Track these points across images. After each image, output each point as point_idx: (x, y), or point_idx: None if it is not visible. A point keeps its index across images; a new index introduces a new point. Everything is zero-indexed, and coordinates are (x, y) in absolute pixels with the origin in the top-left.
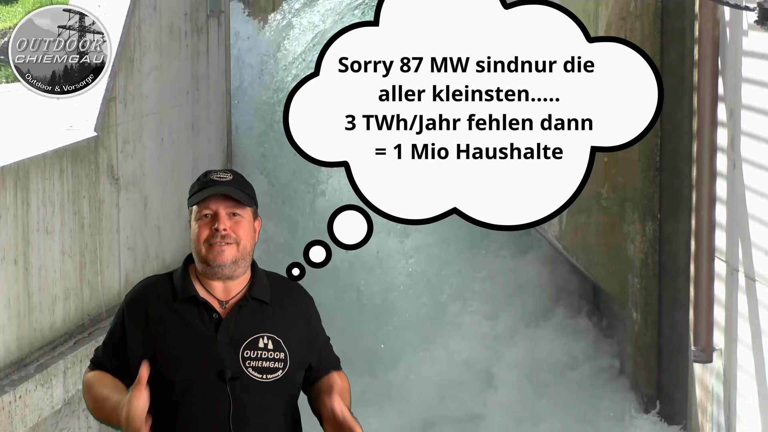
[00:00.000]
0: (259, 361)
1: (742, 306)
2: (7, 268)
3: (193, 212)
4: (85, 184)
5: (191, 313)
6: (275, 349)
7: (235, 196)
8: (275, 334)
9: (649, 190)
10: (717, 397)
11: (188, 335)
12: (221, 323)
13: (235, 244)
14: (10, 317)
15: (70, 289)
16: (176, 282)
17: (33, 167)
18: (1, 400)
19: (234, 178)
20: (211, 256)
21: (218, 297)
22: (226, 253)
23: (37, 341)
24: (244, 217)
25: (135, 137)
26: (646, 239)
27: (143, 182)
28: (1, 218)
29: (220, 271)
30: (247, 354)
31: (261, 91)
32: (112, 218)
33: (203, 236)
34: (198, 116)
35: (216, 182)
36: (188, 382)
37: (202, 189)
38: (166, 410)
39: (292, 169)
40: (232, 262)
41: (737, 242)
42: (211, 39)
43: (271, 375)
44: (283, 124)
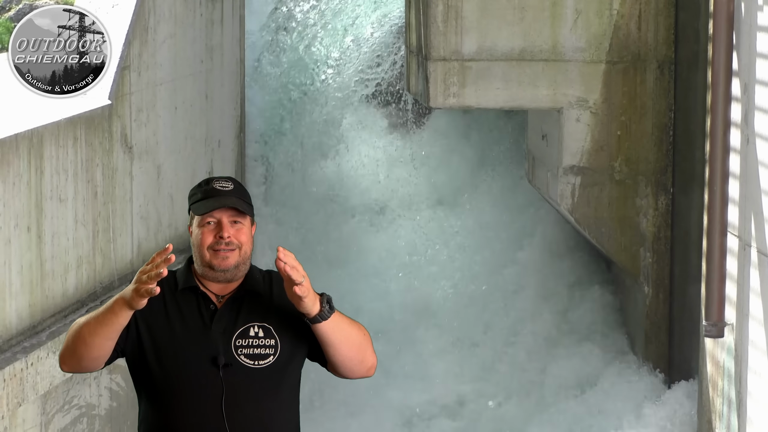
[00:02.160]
0: (250, 348)
1: (754, 281)
2: (20, 235)
3: (195, 219)
4: (99, 153)
5: (190, 304)
6: (266, 336)
7: (240, 207)
8: (266, 322)
9: (663, 164)
10: (728, 372)
11: (185, 324)
12: (216, 314)
13: (238, 249)
14: (22, 284)
15: (82, 257)
16: (179, 274)
17: (47, 135)
18: (12, 367)
19: (235, 188)
20: (216, 261)
21: (215, 292)
22: (230, 258)
23: (49, 309)
24: (244, 224)
25: (149, 106)
26: (658, 213)
27: (156, 151)
28: (15, 186)
29: (223, 275)
30: (239, 342)
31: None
32: (125, 187)
33: (207, 243)
34: (212, 86)
35: (219, 192)
36: (183, 369)
37: (205, 198)
38: (161, 397)
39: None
40: (234, 266)
41: (750, 217)
42: (226, 8)
43: (262, 361)
44: None
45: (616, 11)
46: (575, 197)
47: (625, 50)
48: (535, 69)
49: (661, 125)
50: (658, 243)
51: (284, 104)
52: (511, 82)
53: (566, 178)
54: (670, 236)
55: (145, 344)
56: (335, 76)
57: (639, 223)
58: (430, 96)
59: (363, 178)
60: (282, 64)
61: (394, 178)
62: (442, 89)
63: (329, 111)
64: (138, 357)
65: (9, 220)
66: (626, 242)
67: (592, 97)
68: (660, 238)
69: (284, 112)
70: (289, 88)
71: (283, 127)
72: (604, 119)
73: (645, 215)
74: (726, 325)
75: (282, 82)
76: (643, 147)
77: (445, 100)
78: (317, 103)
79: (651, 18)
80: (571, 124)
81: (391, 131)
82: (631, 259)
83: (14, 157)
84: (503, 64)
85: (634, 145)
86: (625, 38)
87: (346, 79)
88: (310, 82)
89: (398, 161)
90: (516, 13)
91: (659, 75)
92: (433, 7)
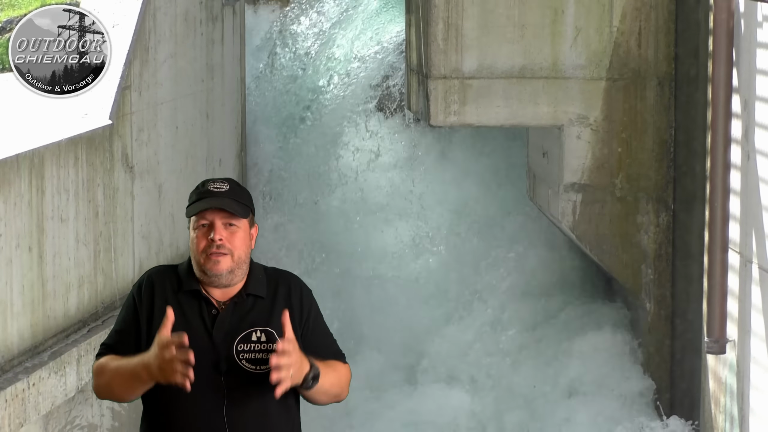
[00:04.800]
0: (252, 353)
1: (755, 297)
2: (21, 255)
3: (191, 222)
4: (100, 172)
5: (192, 307)
6: (268, 340)
7: (230, 209)
8: (268, 326)
9: (663, 180)
10: (730, 388)
11: (187, 329)
12: (217, 319)
13: (230, 254)
14: (24, 304)
15: (84, 277)
16: (181, 274)
17: (48, 155)
18: (14, 387)
19: (231, 188)
20: (208, 265)
21: (216, 297)
22: (222, 263)
23: (50, 329)
24: (240, 227)
25: (150, 125)
26: (659, 230)
27: (157, 170)
28: (16, 206)
29: (217, 280)
30: (240, 348)
31: (275, 80)
32: (126, 206)
33: (201, 246)
34: (213, 104)
35: (213, 193)
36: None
37: (199, 199)
38: (164, 401)
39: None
40: (227, 272)
41: (751, 233)
42: (226, 27)
43: (264, 366)
44: None
45: (616, 28)
46: (576, 214)
47: (626, 67)
48: (536, 86)
49: (661, 142)
50: (659, 260)
51: (285, 122)
52: (512, 100)
53: (567, 195)
54: (671, 253)
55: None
56: (337, 93)
57: (640, 239)
58: (431, 114)
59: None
60: (283, 81)
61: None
62: (443, 107)
63: (331, 127)
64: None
65: (10, 240)
66: (628, 259)
67: (592, 114)
68: (661, 254)
69: (286, 130)
70: (290, 105)
71: (285, 146)
72: (604, 136)
73: (646, 232)
74: (728, 342)
75: (283, 100)
76: (643, 164)
77: (446, 118)
78: (319, 120)
79: (651, 35)
80: (571, 142)
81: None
82: (633, 276)
83: (15, 177)
84: (504, 82)
85: (634, 162)
86: (626, 55)
87: (348, 94)
88: (312, 98)
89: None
90: (516, 31)
91: (660, 92)
92: (434, 25)
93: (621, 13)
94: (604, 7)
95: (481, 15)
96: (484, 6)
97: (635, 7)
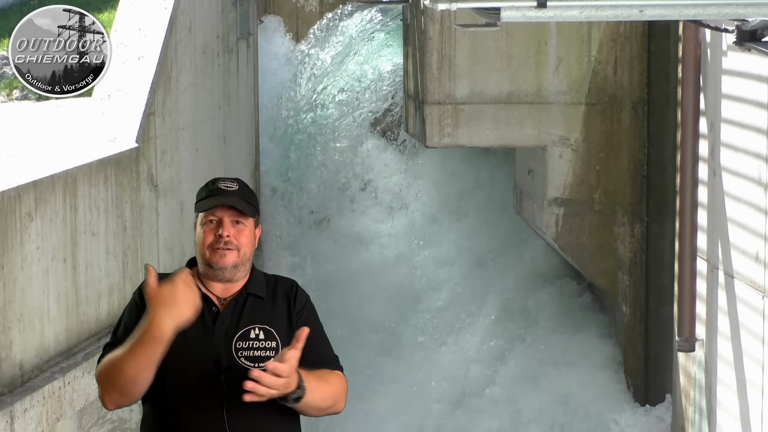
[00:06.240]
0: (250, 351)
1: (722, 301)
2: (57, 266)
3: (199, 217)
4: (128, 191)
5: None
6: (266, 338)
7: (240, 207)
8: (267, 325)
9: (638, 195)
10: (699, 383)
11: (188, 327)
12: (218, 316)
13: (236, 250)
14: (59, 311)
15: (113, 286)
16: None
17: (80, 175)
18: (51, 385)
19: (240, 188)
20: (214, 259)
21: (217, 294)
22: (228, 257)
23: (84, 332)
24: (246, 226)
25: (172, 148)
26: (634, 240)
27: (179, 189)
28: (52, 221)
29: (221, 273)
30: (239, 345)
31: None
32: (151, 221)
33: (208, 241)
34: (229, 129)
35: (223, 191)
36: (186, 371)
37: (209, 196)
38: (165, 398)
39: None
40: (232, 266)
41: (717, 243)
42: (241, 59)
43: (262, 363)
44: None
45: (594, 57)
46: (559, 226)
47: (603, 93)
48: (522, 111)
49: (636, 160)
50: (634, 267)
51: (295, 144)
52: (500, 123)
53: (551, 209)
54: (645, 260)
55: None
56: (344, 115)
57: (617, 249)
58: (427, 136)
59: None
60: (295, 104)
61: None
62: (438, 130)
63: (340, 147)
64: None
65: (47, 253)
66: (606, 266)
67: (573, 135)
68: (636, 262)
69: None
70: (300, 128)
71: (296, 165)
72: (584, 155)
73: (622, 242)
74: (697, 341)
75: (292, 123)
76: (619, 180)
77: (441, 140)
78: (328, 140)
79: (626, 63)
80: (554, 161)
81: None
82: (610, 282)
83: (51, 195)
84: (492, 107)
85: (611, 179)
86: (603, 82)
87: (355, 117)
88: (322, 121)
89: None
90: (503, 60)
91: (634, 115)
92: (429, 55)
93: (598, 44)
94: (583, 38)
95: (471, 46)
96: (474, 38)
97: (611, 38)
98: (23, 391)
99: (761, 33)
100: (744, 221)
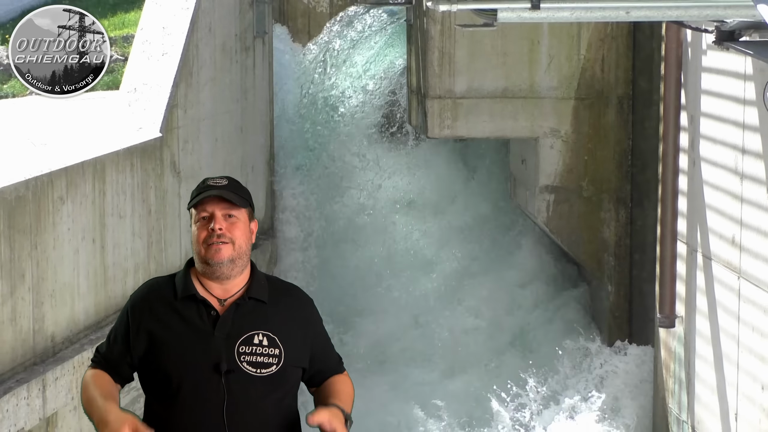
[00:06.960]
0: (253, 356)
1: (700, 281)
2: (86, 246)
3: (192, 216)
4: (152, 177)
5: (191, 310)
6: (270, 345)
7: (228, 197)
8: (270, 332)
9: (623, 183)
10: (678, 357)
11: (187, 330)
12: (219, 320)
13: (231, 243)
14: (89, 287)
15: (139, 264)
16: (178, 282)
17: (108, 162)
18: (81, 356)
19: (229, 183)
20: (209, 254)
21: (217, 296)
22: (223, 251)
23: (111, 307)
24: (239, 219)
25: (193, 137)
26: (619, 225)
27: (200, 175)
28: (82, 204)
29: (218, 269)
30: (242, 349)
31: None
32: (174, 205)
33: (202, 237)
34: (246, 120)
35: (212, 187)
36: (185, 375)
37: (199, 194)
38: (164, 401)
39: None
40: (228, 260)
41: (696, 227)
42: (257, 56)
43: (265, 370)
44: None
45: (583, 56)
46: (550, 211)
47: (591, 88)
48: (516, 105)
49: (621, 151)
50: (619, 249)
51: (308, 134)
52: (496, 116)
53: (542, 195)
54: (629, 244)
55: (149, 352)
56: (353, 110)
57: (603, 233)
58: (428, 128)
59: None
60: (308, 98)
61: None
62: (438, 122)
63: (348, 138)
64: (143, 364)
65: (77, 234)
66: (593, 249)
67: (563, 128)
68: (621, 245)
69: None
70: (313, 120)
71: (308, 153)
72: (573, 146)
73: (608, 226)
74: (677, 318)
75: (306, 115)
76: (606, 169)
77: (441, 131)
78: (337, 132)
79: (613, 61)
80: (546, 151)
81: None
82: (597, 263)
83: (81, 180)
84: (489, 101)
85: (598, 168)
86: (591, 78)
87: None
88: (332, 115)
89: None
90: (499, 58)
91: (619, 109)
92: (430, 54)
93: (587, 43)
94: (573, 38)
95: (470, 45)
96: (472, 37)
97: (599, 38)
98: (54, 361)
99: (739, 33)
100: (721, 207)
